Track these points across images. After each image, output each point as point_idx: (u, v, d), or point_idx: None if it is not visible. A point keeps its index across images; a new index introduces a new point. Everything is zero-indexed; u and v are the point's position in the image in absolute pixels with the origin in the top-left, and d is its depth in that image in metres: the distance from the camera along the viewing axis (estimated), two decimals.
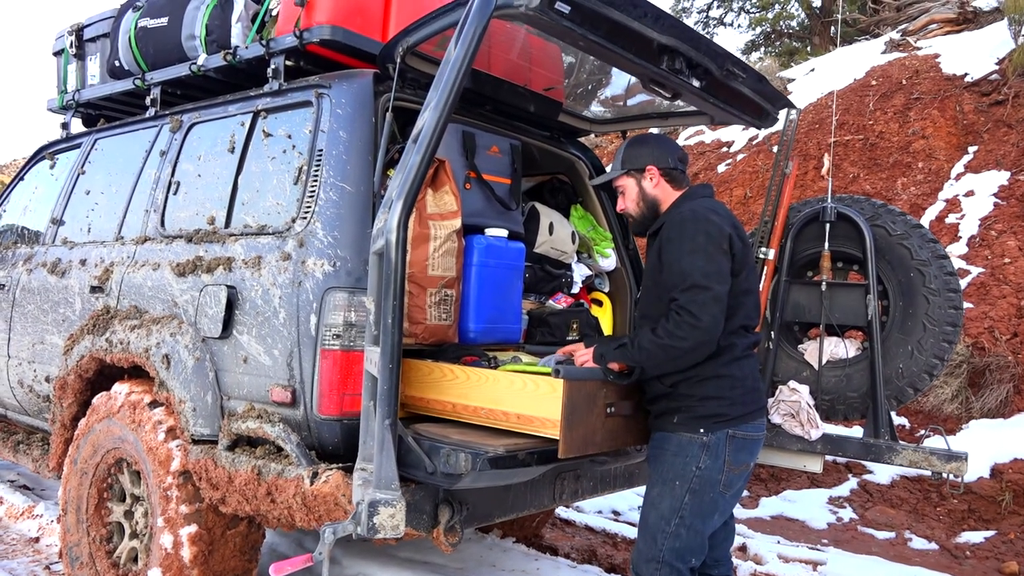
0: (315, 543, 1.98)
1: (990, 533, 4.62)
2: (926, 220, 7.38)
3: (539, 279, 3.45)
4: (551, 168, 3.86)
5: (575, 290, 3.64)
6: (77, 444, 3.21)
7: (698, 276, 2.20)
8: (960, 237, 7.03)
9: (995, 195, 7.23)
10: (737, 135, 10.37)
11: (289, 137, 2.88)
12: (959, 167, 7.87)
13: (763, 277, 3.37)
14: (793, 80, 11.38)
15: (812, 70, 11.59)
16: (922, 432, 5.60)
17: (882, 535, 4.73)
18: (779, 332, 3.43)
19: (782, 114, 3.33)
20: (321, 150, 2.70)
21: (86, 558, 3.13)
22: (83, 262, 3.53)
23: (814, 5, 15.83)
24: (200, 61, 3.24)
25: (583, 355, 2.45)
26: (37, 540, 4.06)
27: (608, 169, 2.78)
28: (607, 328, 3.72)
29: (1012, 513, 4.77)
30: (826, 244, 3.34)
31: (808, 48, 15.95)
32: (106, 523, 3.14)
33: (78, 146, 4.13)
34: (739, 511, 5.10)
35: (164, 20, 3.41)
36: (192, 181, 3.22)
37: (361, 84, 2.77)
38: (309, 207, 2.66)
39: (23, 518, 4.31)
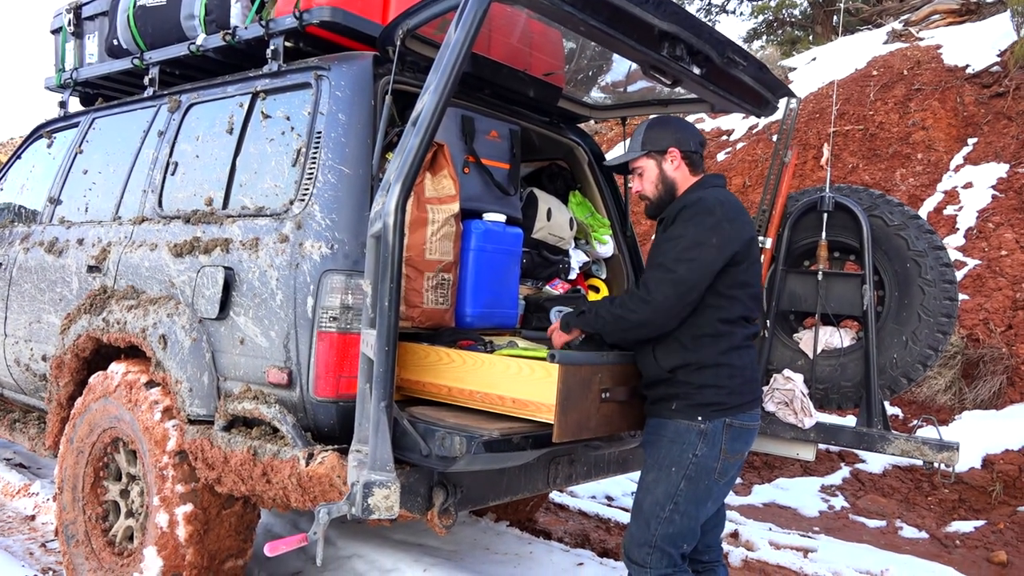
0: (310, 524, 2.00)
1: (980, 523, 4.66)
2: (924, 211, 7.39)
3: (536, 265, 3.45)
4: (550, 154, 3.86)
5: (572, 276, 3.64)
6: (73, 423, 3.22)
7: (669, 258, 2.25)
8: (958, 229, 7.05)
9: (993, 187, 7.24)
10: (737, 123, 10.35)
11: (288, 119, 2.87)
12: (958, 159, 7.87)
13: None
14: (794, 69, 11.35)
15: (813, 59, 11.56)
16: (915, 422, 5.63)
17: (873, 523, 4.77)
18: (775, 321, 3.44)
19: (782, 103, 3.32)
20: (320, 132, 2.69)
21: (82, 536, 3.14)
22: (80, 242, 3.53)
23: None
24: (199, 41, 3.22)
25: (553, 326, 2.54)
26: (33, 518, 4.08)
27: (614, 153, 2.77)
28: None
29: (1002, 503, 4.81)
30: (823, 233, 3.35)
31: (810, 37, 15.89)
32: (102, 502, 3.15)
33: (76, 125, 4.11)
34: (732, 498, 5.14)
35: None
36: (190, 162, 3.21)
37: (361, 66, 2.76)
38: (307, 189, 2.66)
39: (19, 496, 4.33)
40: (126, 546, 3.03)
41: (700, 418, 2.29)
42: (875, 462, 5.42)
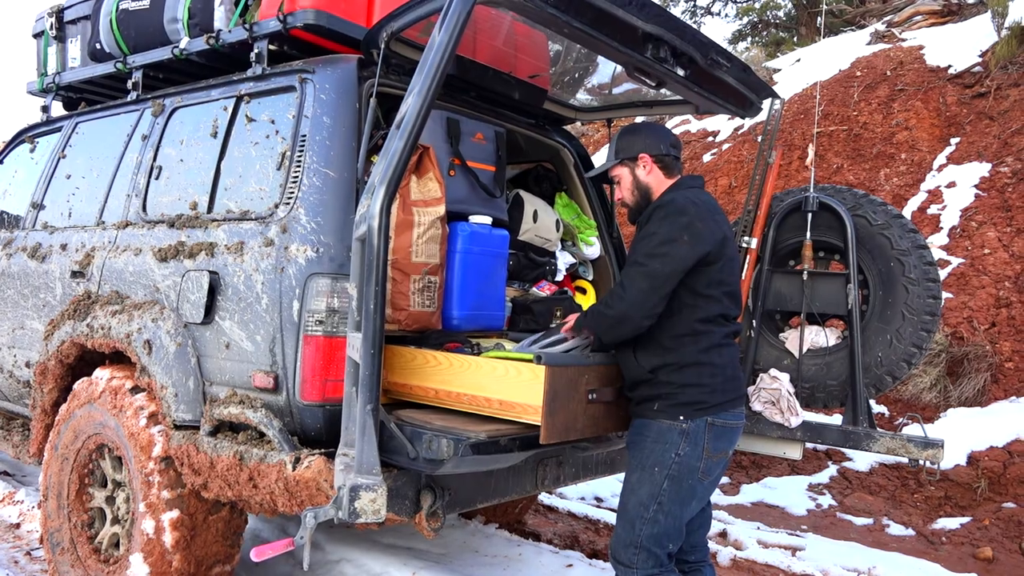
0: (298, 529, 1.99)
1: (966, 519, 4.69)
2: (908, 211, 7.45)
3: (523, 266, 3.45)
4: (536, 156, 3.86)
5: (559, 278, 3.65)
6: (58, 430, 3.19)
7: (640, 255, 2.30)
8: (941, 228, 7.10)
9: (976, 187, 7.30)
10: (723, 125, 10.40)
11: (272, 122, 2.86)
12: (941, 158, 7.94)
13: (746, 266, 3.40)
14: (779, 70, 11.41)
15: (798, 60, 11.63)
16: (900, 420, 5.67)
17: (860, 521, 4.80)
18: (761, 320, 3.46)
19: (766, 104, 3.34)
20: (304, 135, 2.69)
21: (67, 544, 3.12)
22: (64, 247, 3.50)
23: None
24: (182, 44, 3.21)
25: (567, 321, 2.61)
26: (18, 526, 4.04)
27: (600, 155, 2.78)
28: None
29: (987, 500, 4.84)
30: (808, 233, 3.36)
31: (794, 39, 15.98)
32: (87, 509, 3.13)
33: (59, 130, 4.08)
34: (720, 497, 5.16)
35: (146, 2, 3.38)
36: (174, 166, 3.20)
37: (345, 69, 2.76)
38: (292, 193, 2.65)
39: (3, 504, 4.29)
40: (112, 553, 3.01)
41: (682, 417, 2.30)
42: (862, 460, 5.45)
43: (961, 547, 4.42)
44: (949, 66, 8.95)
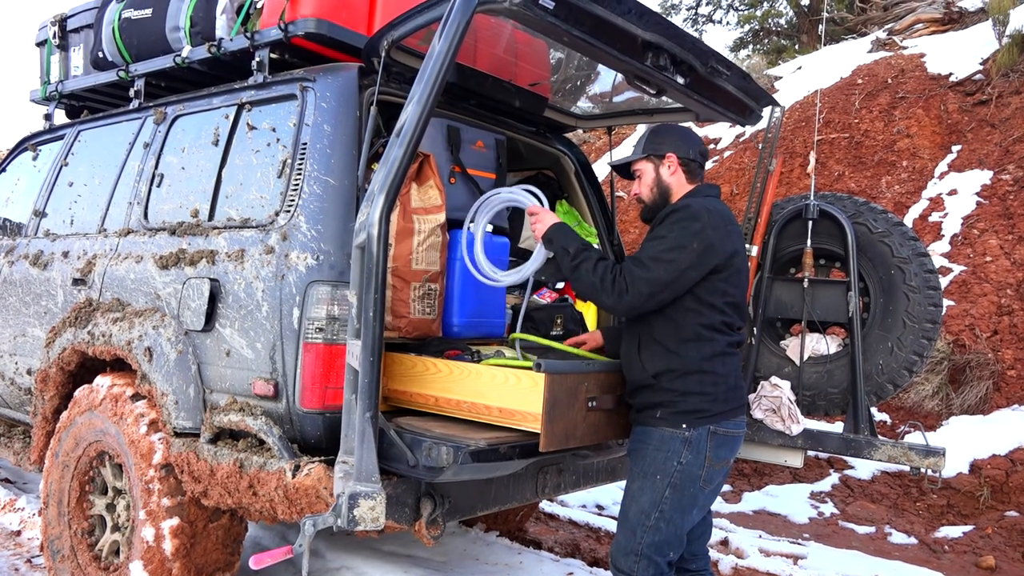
0: (297, 536, 1.99)
1: (968, 528, 4.67)
2: (910, 218, 7.45)
3: None
4: (536, 163, 3.87)
5: (560, 285, 3.65)
6: (59, 437, 3.19)
7: (646, 255, 2.30)
8: (943, 235, 7.10)
9: (978, 194, 7.30)
10: (724, 132, 10.41)
11: (273, 130, 2.88)
12: (943, 166, 7.94)
13: None
14: (780, 78, 11.44)
15: (799, 68, 11.66)
16: (902, 428, 5.65)
17: (862, 529, 4.78)
18: (761, 328, 3.45)
19: (766, 112, 3.34)
20: (305, 143, 2.70)
21: (68, 551, 3.12)
22: (65, 254, 3.51)
23: (802, 3, 15.90)
24: (184, 53, 3.22)
25: (543, 217, 2.53)
26: (19, 533, 4.04)
27: (602, 162, 2.79)
28: (591, 323, 3.73)
29: (990, 508, 4.83)
30: (808, 241, 3.36)
31: (796, 46, 16.01)
32: (88, 516, 3.12)
33: (61, 138, 4.10)
34: (722, 506, 5.14)
35: (148, 11, 3.39)
36: (176, 174, 3.21)
37: (346, 78, 2.77)
38: (293, 200, 2.66)
39: (4, 511, 4.29)
40: (112, 561, 3.01)
41: (685, 426, 2.29)
42: (864, 468, 5.43)
43: (964, 556, 4.40)
44: (950, 74, 8.96)
